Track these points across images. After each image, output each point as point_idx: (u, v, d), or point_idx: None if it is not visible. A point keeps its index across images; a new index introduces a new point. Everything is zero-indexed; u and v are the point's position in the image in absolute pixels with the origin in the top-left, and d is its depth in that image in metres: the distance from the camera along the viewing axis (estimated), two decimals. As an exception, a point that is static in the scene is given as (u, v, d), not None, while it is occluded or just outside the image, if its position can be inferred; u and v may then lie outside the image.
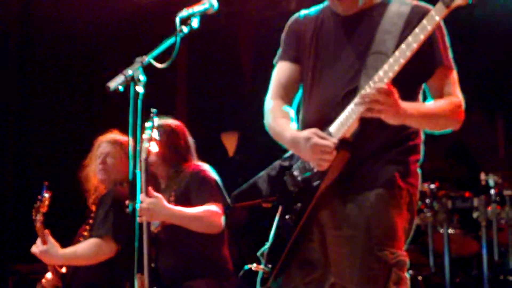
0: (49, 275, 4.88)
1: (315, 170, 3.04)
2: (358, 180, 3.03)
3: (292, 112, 3.24)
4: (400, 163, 3.07)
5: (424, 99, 3.15)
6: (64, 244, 4.78)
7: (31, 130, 7.76)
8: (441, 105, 3.03)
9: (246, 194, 3.30)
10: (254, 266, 3.18)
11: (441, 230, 6.64)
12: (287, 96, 3.27)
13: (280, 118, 3.20)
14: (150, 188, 4.29)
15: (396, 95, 2.85)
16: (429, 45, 2.99)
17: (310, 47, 3.21)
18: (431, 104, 3.05)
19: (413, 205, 3.10)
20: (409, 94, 3.07)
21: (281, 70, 3.30)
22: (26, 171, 7.71)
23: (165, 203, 4.30)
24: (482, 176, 6.50)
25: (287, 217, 3.14)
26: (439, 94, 3.07)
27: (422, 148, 3.15)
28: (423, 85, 3.14)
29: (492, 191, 6.39)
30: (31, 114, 7.85)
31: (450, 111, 3.04)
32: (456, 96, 3.07)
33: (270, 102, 3.26)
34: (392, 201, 3.02)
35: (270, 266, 3.17)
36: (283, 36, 3.34)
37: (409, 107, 2.92)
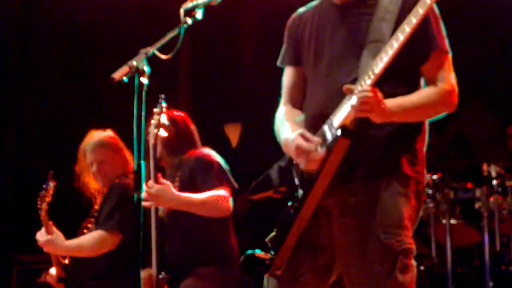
0: (53, 270, 4.91)
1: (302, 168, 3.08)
2: (366, 168, 3.05)
3: (299, 113, 3.28)
4: (408, 151, 3.10)
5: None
6: (67, 235, 4.80)
7: (34, 119, 7.77)
8: (430, 95, 3.05)
9: (261, 185, 3.35)
10: (257, 251, 3.21)
11: (443, 221, 6.64)
12: (296, 99, 3.33)
13: (283, 122, 3.26)
14: (159, 175, 4.32)
15: (379, 95, 2.89)
16: (424, 29, 3.01)
17: (309, 41, 3.26)
18: (418, 96, 3.05)
19: (420, 194, 3.13)
20: (408, 80, 3.10)
21: (287, 76, 3.37)
22: (28, 160, 7.72)
23: (173, 190, 4.32)
24: (484, 167, 6.50)
25: (289, 204, 3.17)
26: (433, 79, 3.08)
27: (427, 136, 3.17)
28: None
29: (494, 182, 6.39)
30: (34, 102, 7.85)
31: (440, 99, 3.06)
32: (448, 82, 3.08)
33: (280, 108, 3.36)
34: (400, 189, 3.05)
35: (272, 253, 3.20)
36: (284, 34, 3.38)
37: (392, 105, 2.95)
